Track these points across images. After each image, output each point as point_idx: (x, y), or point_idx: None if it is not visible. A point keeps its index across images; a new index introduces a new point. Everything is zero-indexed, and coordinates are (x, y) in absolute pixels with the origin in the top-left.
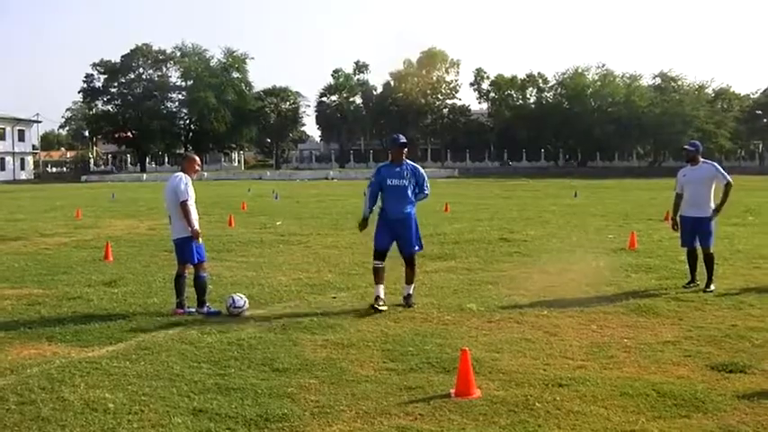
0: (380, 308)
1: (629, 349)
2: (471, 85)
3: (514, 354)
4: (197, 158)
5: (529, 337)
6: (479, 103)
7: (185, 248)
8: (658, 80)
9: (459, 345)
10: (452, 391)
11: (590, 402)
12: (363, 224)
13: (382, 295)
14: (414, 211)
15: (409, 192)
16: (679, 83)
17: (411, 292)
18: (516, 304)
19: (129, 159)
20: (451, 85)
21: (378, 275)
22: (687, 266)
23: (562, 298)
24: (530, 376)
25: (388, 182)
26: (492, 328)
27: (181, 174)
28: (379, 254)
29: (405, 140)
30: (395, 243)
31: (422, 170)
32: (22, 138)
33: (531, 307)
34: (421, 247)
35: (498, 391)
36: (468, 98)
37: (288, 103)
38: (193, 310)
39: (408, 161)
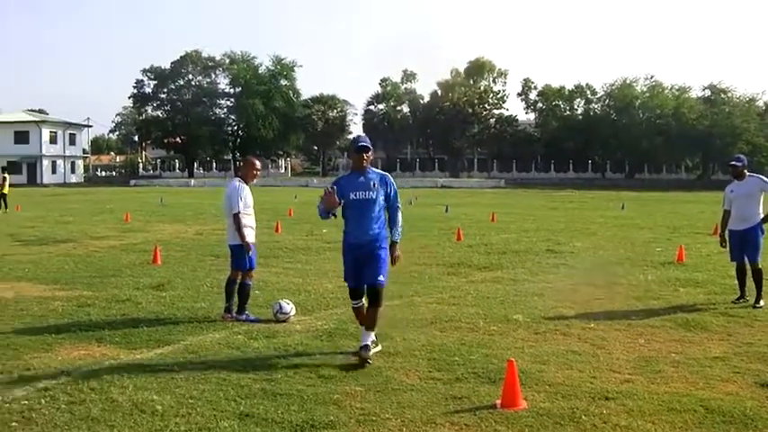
0: (370, 358)
1: (678, 364)
2: (519, 95)
3: (561, 366)
4: (257, 163)
5: (575, 349)
6: (526, 113)
7: (239, 255)
8: (708, 92)
9: (505, 355)
10: (498, 401)
11: (637, 417)
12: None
13: (369, 343)
14: (384, 234)
15: (377, 207)
16: (729, 95)
17: (369, 342)
18: (563, 316)
19: (177, 164)
20: (499, 95)
21: (359, 317)
22: (736, 281)
23: (609, 311)
24: (576, 389)
25: (351, 195)
26: (538, 340)
27: (236, 181)
28: (355, 292)
29: (365, 144)
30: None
31: (391, 179)
32: (73, 142)
33: (578, 319)
34: (385, 280)
35: (544, 403)
36: (515, 108)
37: (335, 110)
38: (243, 317)
39: (374, 169)
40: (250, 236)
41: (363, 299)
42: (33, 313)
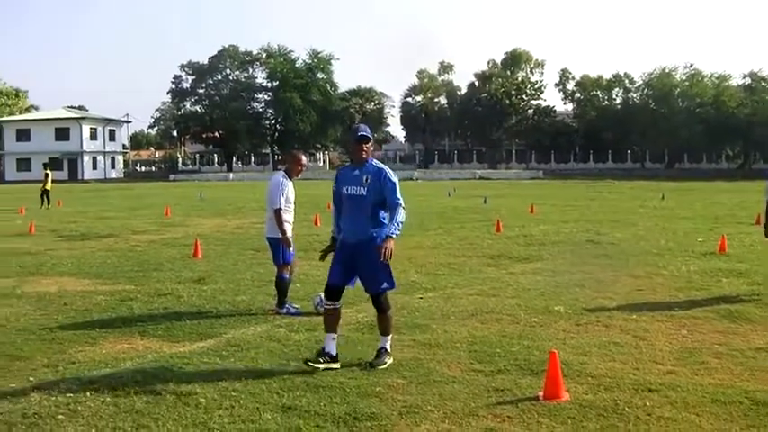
0: (319, 365)
1: (721, 355)
2: (556, 85)
3: (603, 357)
4: (303, 159)
5: (617, 340)
6: (564, 103)
7: (277, 248)
8: (748, 80)
9: (546, 347)
10: (541, 393)
11: (681, 409)
12: (327, 248)
13: (332, 351)
14: (381, 234)
15: (369, 206)
16: None
17: (387, 345)
18: (604, 307)
19: (215, 159)
20: (536, 86)
21: (329, 321)
22: None
23: (651, 302)
24: (619, 380)
25: (344, 190)
26: (580, 331)
27: (280, 176)
28: (331, 291)
29: (365, 133)
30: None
31: (391, 173)
32: (112, 137)
33: (620, 310)
34: (392, 284)
35: (587, 395)
36: (553, 99)
37: (372, 103)
38: (294, 310)
39: (375, 162)
40: (289, 230)
41: (340, 302)
42: (77, 307)
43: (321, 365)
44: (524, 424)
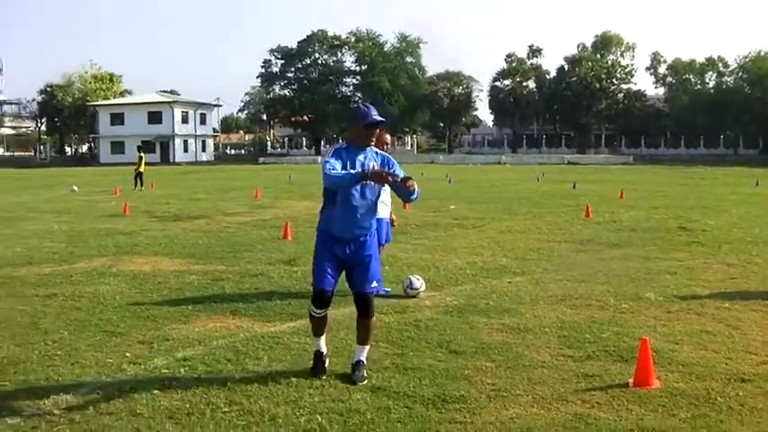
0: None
1: None
2: (647, 69)
3: (694, 346)
4: (385, 137)
5: (709, 329)
6: (655, 87)
7: None
8: None
9: (636, 334)
10: (631, 380)
11: None
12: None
13: (324, 350)
14: (374, 228)
15: (375, 196)
16: None
17: (363, 358)
18: (696, 295)
19: (304, 142)
20: (627, 70)
21: (318, 328)
22: None
23: (745, 290)
24: (711, 369)
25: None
26: (671, 319)
27: None
28: (321, 297)
29: (381, 118)
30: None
31: (395, 163)
32: (203, 121)
33: (712, 299)
34: (381, 284)
35: (678, 383)
36: (643, 83)
37: (461, 87)
38: (384, 292)
39: (376, 149)
40: (383, 212)
41: (329, 309)
42: (170, 286)
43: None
44: (614, 411)
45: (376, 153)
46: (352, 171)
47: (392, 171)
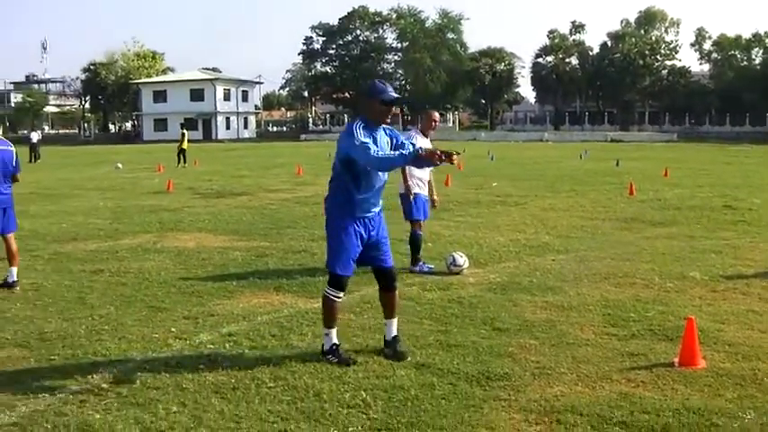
0: (333, 358)
1: None
2: (692, 45)
3: (741, 326)
4: (435, 114)
5: (756, 309)
6: (700, 64)
7: (404, 205)
8: None
9: (682, 313)
10: (676, 360)
11: None
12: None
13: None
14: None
15: (387, 173)
16: None
17: (396, 332)
18: (741, 275)
19: (345, 119)
20: (671, 46)
21: (334, 315)
22: None
23: None
24: (758, 350)
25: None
26: (716, 298)
27: (413, 132)
28: (344, 282)
29: (397, 95)
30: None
31: (395, 131)
32: (245, 98)
33: (758, 278)
34: None
35: (724, 363)
36: (688, 59)
37: (503, 64)
38: (427, 269)
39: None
40: (418, 188)
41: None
42: (215, 262)
43: (335, 359)
44: (659, 390)
45: (385, 129)
46: (404, 152)
47: (399, 143)
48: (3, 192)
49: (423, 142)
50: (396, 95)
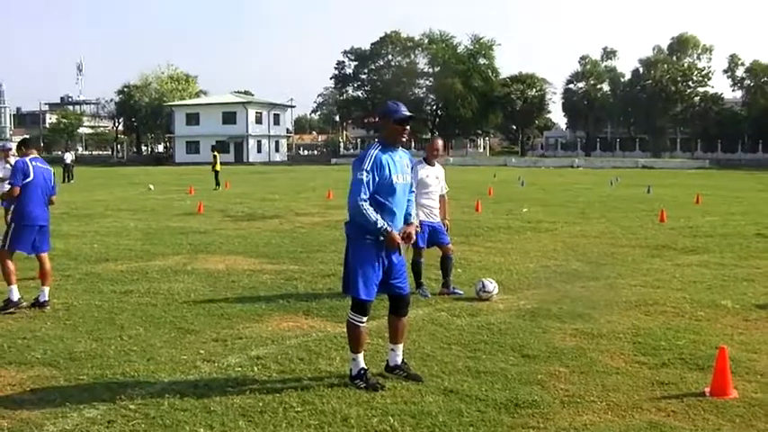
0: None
1: None
2: (724, 71)
3: None
4: (435, 143)
5: None
6: (733, 90)
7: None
8: None
9: (713, 342)
10: (707, 389)
11: None
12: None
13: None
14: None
15: (410, 193)
16: None
17: (401, 356)
18: None
19: None
20: (703, 72)
21: (361, 340)
22: None
23: None
24: None
25: (395, 178)
26: (748, 327)
27: (417, 166)
28: (368, 305)
29: (410, 114)
30: None
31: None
32: (277, 122)
33: None
34: None
35: (756, 394)
36: (720, 86)
37: (534, 89)
38: (462, 291)
39: (403, 149)
40: (424, 215)
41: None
42: (244, 285)
43: (363, 384)
44: (690, 420)
45: (405, 152)
46: (379, 224)
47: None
48: (42, 209)
49: (428, 171)
50: (408, 114)
